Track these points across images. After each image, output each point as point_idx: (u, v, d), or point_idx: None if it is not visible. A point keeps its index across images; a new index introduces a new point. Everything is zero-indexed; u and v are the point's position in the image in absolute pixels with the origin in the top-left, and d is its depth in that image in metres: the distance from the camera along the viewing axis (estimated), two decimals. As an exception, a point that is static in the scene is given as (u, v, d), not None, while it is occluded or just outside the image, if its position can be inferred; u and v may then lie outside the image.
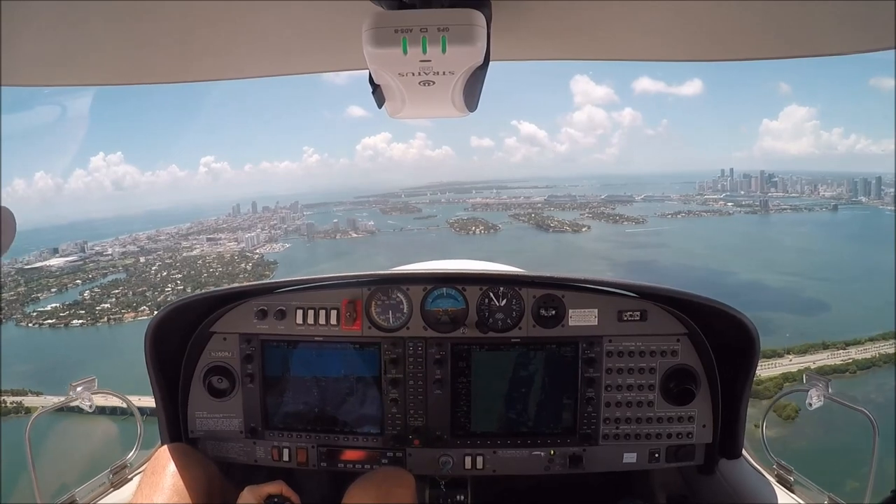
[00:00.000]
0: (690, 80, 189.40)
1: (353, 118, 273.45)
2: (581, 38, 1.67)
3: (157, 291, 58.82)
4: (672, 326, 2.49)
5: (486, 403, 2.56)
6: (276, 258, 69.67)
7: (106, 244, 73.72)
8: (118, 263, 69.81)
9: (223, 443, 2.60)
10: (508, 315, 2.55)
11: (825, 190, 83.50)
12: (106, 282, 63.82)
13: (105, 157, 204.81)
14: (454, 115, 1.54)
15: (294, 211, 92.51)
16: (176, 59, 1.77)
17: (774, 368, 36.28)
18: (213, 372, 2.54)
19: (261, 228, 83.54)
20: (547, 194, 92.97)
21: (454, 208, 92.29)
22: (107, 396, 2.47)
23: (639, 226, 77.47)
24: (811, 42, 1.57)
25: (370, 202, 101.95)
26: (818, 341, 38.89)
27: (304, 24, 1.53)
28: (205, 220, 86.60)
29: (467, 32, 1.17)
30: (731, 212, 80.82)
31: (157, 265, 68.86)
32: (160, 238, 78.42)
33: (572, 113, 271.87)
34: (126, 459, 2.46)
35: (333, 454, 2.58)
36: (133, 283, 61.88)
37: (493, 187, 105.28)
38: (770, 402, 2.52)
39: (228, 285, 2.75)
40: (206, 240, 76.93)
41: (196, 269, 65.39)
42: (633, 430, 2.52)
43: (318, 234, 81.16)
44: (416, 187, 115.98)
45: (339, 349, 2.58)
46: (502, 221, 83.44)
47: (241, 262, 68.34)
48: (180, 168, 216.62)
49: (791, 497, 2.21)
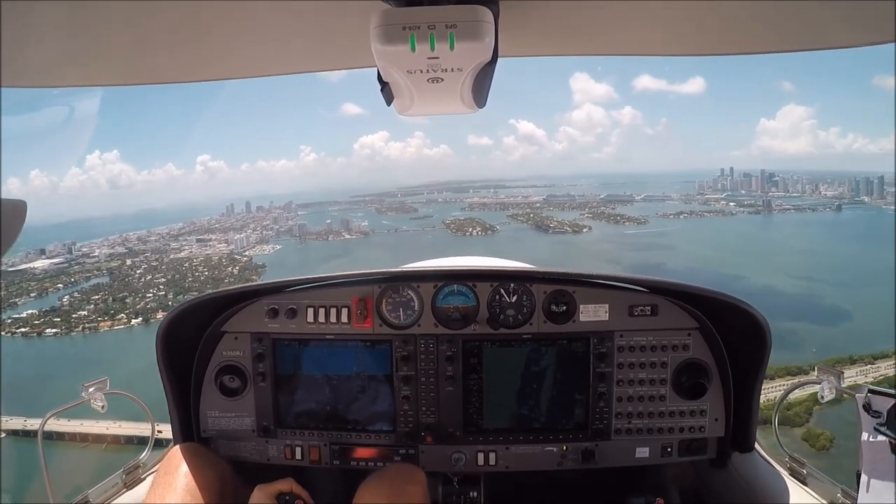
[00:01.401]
0: (691, 78, 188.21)
1: (350, 116, 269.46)
2: (589, 34, 1.67)
3: (137, 297, 55.17)
4: (683, 321, 2.50)
5: (498, 400, 2.57)
6: (265, 261, 65.96)
7: (94, 245, 70.17)
8: (103, 266, 66.29)
9: (235, 442, 2.61)
10: (519, 311, 2.55)
11: (826, 189, 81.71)
12: (88, 286, 60.24)
13: (101, 155, 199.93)
14: (463, 111, 1.54)
15: (288, 211, 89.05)
16: (183, 59, 1.77)
17: (803, 389, 32.69)
18: (225, 371, 2.54)
19: (252, 229, 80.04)
20: (545, 193, 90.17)
21: (451, 208, 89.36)
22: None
23: (641, 226, 74.77)
24: (812, 36, 1.60)
25: (366, 202, 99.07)
26: (845, 355, 35.15)
27: (312, 23, 1.52)
28: (198, 220, 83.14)
29: (475, 29, 1.17)
30: (734, 212, 78.74)
31: (142, 268, 65.36)
32: (150, 238, 75.19)
33: (571, 112, 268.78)
34: (139, 460, 2.47)
35: (346, 452, 2.59)
36: (115, 288, 58.34)
37: (490, 186, 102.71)
38: (781, 394, 2.54)
39: (240, 284, 2.73)
40: (195, 241, 73.37)
41: (181, 273, 61.77)
42: (646, 425, 2.52)
43: (310, 235, 77.96)
44: (412, 186, 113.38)
45: (350, 347, 2.58)
46: (500, 222, 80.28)
47: (228, 265, 64.57)
48: (177, 167, 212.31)
49: (804, 490, 2.21)
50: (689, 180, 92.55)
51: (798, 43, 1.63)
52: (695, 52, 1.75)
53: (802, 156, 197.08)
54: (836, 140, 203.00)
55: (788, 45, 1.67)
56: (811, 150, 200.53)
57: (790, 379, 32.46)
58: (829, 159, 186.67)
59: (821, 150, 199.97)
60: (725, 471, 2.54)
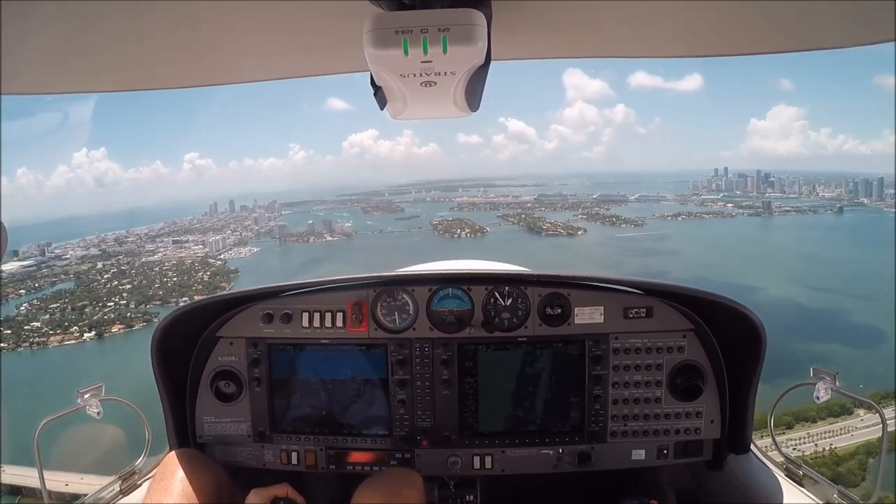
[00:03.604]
0: (687, 76, 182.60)
1: (337, 112, 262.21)
2: (582, 36, 1.69)
3: (97, 307, 49.49)
4: (678, 323, 2.52)
5: (494, 403, 2.59)
6: (240, 265, 60.50)
7: (70, 246, 64.14)
8: (72, 270, 60.29)
9: (231, 447, 2.60)
10: (514, 314, 2.56)
11: (823, 190, 77.86)
12: (50, 292, 54.24)
13: (88, 152, 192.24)
14: (456, 115, 1.57)
15: (271, 210, 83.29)
16: (176, 65, 1.79)
17: (849, 437, 27.31)
18: (221, 376, 2.54)
19: (232, 230, 74.18)
20: (537, 193, 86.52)
21: (439, 207, 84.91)
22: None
23: (638, 228, 70.21)
24: (809, 36, 1.61)
25: (352, 201, 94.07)
26: (891, 388, 28.09)
27: (304, 27, 1.55)
28: (180, 219, 77.21)
29: (468, 32, 1.18)
30: (734, 214, 74.93)
31: (111, 272, 59.49)
32: (129, 239, 69.45)
33: (563, 110, 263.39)
34: (135, 465, 2.45)
35: (342, 456, 2.60)
36: (77, 296, 53.12)
37: (480, 185, 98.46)
38: (776, 397, 2.47)
39: (236, 290, 2.63)
40: (171, 243, 67.46)
41: (150, 279, 56.20)
42: (641, 427, 2.54)
43: (290, 236, 72.82)
44: (400, 185, 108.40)
45: (345, 351, 2.58)
46: (490, 223, 76.15)
47: (200, 269, 59.01)
48: (164, 164, 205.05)
49: (800, 491, 2.21)
50: (681, 180, 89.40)
51: (795, 43, 1.64)
52: (691, 54, 1.76)
53: (793, 156, 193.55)
54: (828, 141, 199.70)
55: (784, 46, 1.68)
56: (802, 151, 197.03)
57: (833, 422, 27.55)
58: (821, 160, 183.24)
59: (812, 150, 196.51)
60: (721, 472, 2.56)
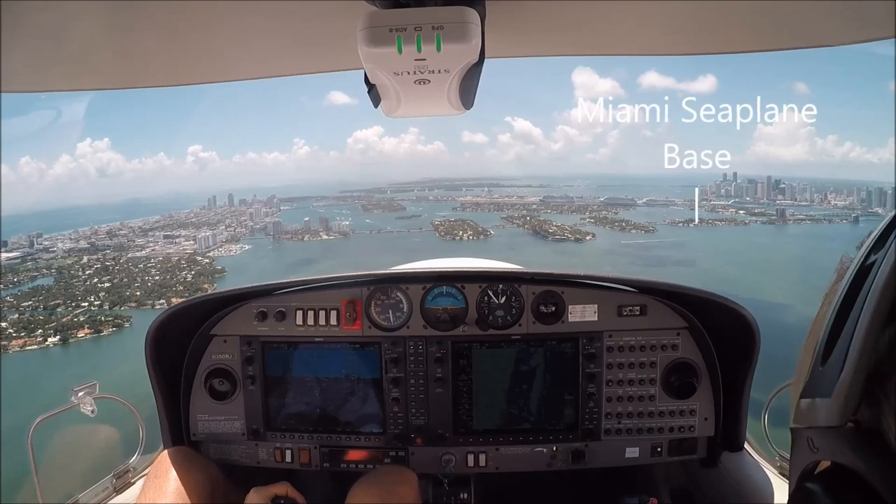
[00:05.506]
0: (701, 77, 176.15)
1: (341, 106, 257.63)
2: (575, 34, 1.70)
3: (69, 306, 44.90)
4: (672, 320, 2.54)
5: (488, 401, 2.63)
6: (227, 264, 56.02)
7: (60, 238, 59.05)
8: (55, 264, 55.26)
9: (225, 445, 2.63)
10: (508, 312, 2.57)
11: (835, 199, 72.50)
12: (27, 289, 49.33)
13: (91, 143, 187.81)
14: (450, 113, 1.59)
15: (269, 206, 78.29)
16: (168, 63, 1.80)
17: None
18: (215, 374, 2.56)
19: (226, 226, 69.18)
20: (542, 194, 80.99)
21: (441, 207, 79.83)
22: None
23: (648, 234, 65.27)
24: (809, 33, 1.61)
25: (353, 197, 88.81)
26: None
27: (297, 25, 1.55)
28: (177, 213, 72.21)
29: (462, 30, 1.19)
30: (746, 221, 69.28)
31: (94, 268, 54.50)
32: (121, 232, 63.98)
33: (569, 110, 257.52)
34: (129, 464, 2.49)
35: (336, 454, 2.62)
36: (52, 294, 48.26)
37: (484, 185, 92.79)
38: (771, 394, 2.52)
39: (230, 288, 2.65)
40: (162, 237, 62.31)
41: (131, 277, 51.51)
42: (635, 425, 2.56)
43: (284, 234, 67.94)
44: (404, 183, 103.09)
45: (339, 349, 2.61)
46: (494, 224, 70.94)
47: (186, 267, 54.40)
48: (167, 156, 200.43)
49: None
50: (687, 184, 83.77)
51: (798, 40, 1.62)
52: (686, 52, 1.75)
53: (800, 163, 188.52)
54: (834, 148, 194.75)
55: (787, 44, 1.66)
56: (808, 158, 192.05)
57: None
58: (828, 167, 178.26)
59: (818, 157, 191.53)
60: (715, 470, 2.59)
